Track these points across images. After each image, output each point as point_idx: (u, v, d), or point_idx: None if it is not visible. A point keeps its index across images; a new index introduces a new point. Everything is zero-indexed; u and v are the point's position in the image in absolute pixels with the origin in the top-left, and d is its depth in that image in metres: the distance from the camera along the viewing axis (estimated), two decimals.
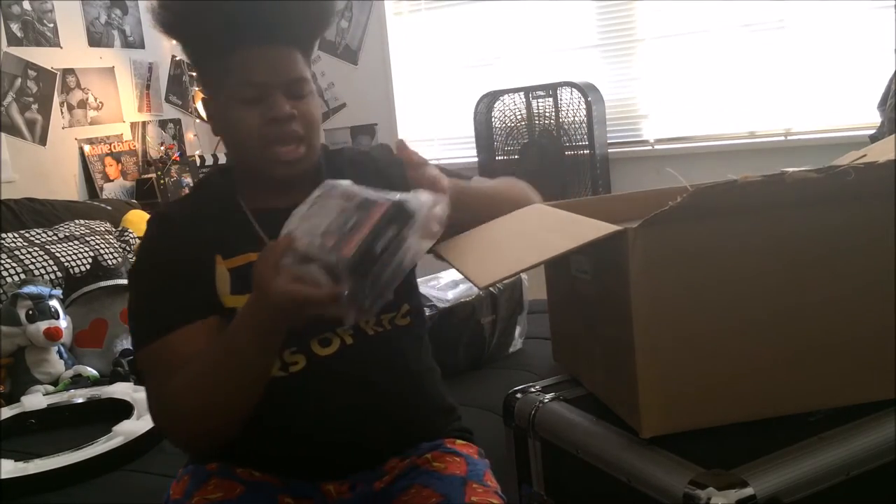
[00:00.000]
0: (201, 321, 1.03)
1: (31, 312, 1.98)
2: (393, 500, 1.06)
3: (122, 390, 1.78)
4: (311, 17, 1.10)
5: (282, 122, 1.04)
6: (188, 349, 1.01)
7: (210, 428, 1.01)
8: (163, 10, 1.06)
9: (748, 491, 0.88)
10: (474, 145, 3.47)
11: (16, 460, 1.46)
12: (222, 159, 3.68)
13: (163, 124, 3.72)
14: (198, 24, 1.06)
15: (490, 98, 3.37)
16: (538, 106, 3.24)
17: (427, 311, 1.58)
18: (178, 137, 3.80)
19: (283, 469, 1.07)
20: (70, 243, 2.42)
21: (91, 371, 2.00)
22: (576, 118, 3.16)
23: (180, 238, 1.09)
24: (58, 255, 2.33)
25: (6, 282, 2.14)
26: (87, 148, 3.30)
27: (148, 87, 3.64)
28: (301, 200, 1.07)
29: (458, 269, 1.11)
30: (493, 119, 3.37)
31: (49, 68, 3.16)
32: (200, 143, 3.89)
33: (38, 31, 3.13)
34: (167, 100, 3.75)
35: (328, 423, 1.04)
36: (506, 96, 3.32)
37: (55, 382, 1.96)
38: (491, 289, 1.82)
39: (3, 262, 2.19)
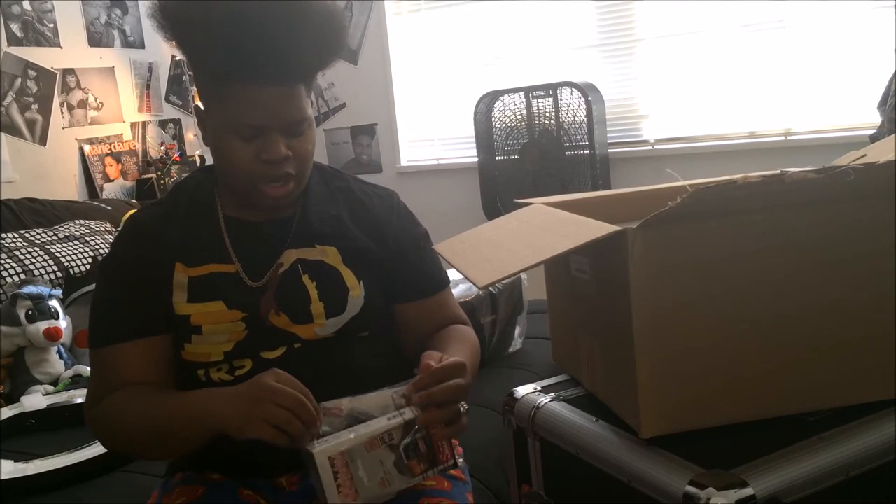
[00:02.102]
0: (141, 340, 1.07)
1: (30, 312, 1.98)
2: None
3: None
4: (318, 55, 1.05)
5: (275, 164, 1.04)
6: (122, 367, 1.06)
7: (130, 455, 1.14)
8: (163, 18, 1.02)
9: (748, 491, 0.88)
10: (474, 145, 3.47)
11: (16, 461, 1.46)
12: None
13: (163, 124, 3.72)
14: (197, 45, 1.02)
15: (490, 98, 3.37)
16: (538, 106, 3.24)
17: None
18: (179, 137, 3.80)
19: (239, 468, 1.11)
20: (70, 243, 2.42)
21: None
22: (576, 118, 3.16)
23: (146, 244, 1.10)
24: (58, 255, 2.33)
25: (6, 282, 2.14)
26: (87, 148, 3.30)
27: (148, 87, 3.64)
28: (276, 217, 1.13)
29: (457, 269, 1.11)
30: (493, 119, 3.37)
31: (49, 68, 3.16)
32: (200, 143, 3.88)
33: (38, 31, 3.13)
34: (167, 100, 3.75)
35: None
36: (506, 96, 3.32)
37: (55, 382, 1.96)
38: (490, 289, 1.82)
39: (3, 262, 2.19)
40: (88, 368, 2.00)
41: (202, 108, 1.09)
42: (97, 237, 2.52)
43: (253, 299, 1.08)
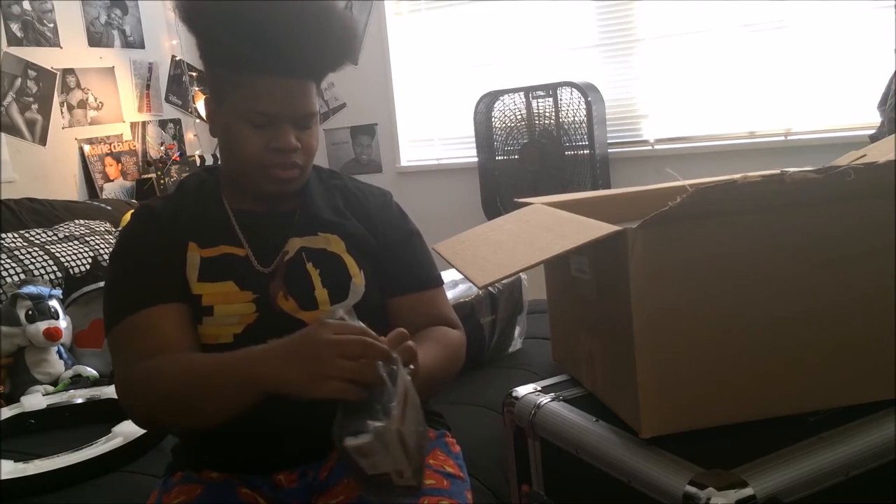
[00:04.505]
0: (167, 304, 1.06)
1: (30, 312, 1.98)
2: (330, 488, 1.09)
3: None
4: (335, 55, 1.10)
5: (284, 153, 1.07)
6: (153, 330, 1.04)
7: (165, 424, 1.07)
8: (190, 8, 1.06)
9: (748, 491, 0.88)
10: (474, 145, 3.47)
11: (16, 461, 1.46)
12: None
13: (163, 124, 3.72)
14: (222, 34, 1.05)
15: (490, 98, 3.37)
16: (538, 106, 3.24)
17: None
18: (178, 137, 3.80)
19: (239, 463, 1.11)
20: (70, 243, 2.42)
21: (91, 371, 2.00)
22: (576, 118, 3.16)
23: (158, 226, 1.12)
24: (58, 255, 2.33)
25: (6, 282, 2.13)
26: (87, 148, 3.30)
27: (148, 87, 3.64)
28: (279, 209, 1.15)
29: (457, 269, 1.11)
30: (493, 119, 3.37)
31: (49, 68, 3.16)
32: (200, 143, 3.89)
33: (38, 31, 3.13)
34: (167, 100, 3.75)
35: (279, 414, 1.02)
36: (506, 96, 3.32)
37: (55, 383, 1.96)
38: (490, 289, 1.82)
39: (3, 262, 2.19)
40: (88, 368, 2.01)
41: (213, 99, 1.12)
42: (97, 237, 2.52)
43: (263, 282, 1.10)
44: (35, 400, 1.78)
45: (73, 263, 2.33)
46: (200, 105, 3.75)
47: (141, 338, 1.05)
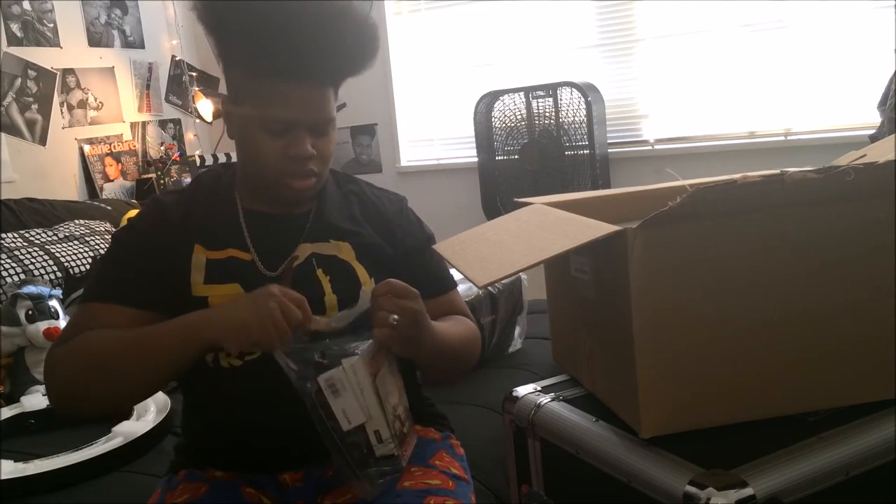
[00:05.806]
0: (139, 311, 1.06)
1: (30, 312, 1.98)
2: (335, 487, 1.09)
3: None
4: (353, 60, 1.09)
5: (301, 160, 1.07)
6: (112, 325, 1.04)
7: (88, 397, 1.03)
8: (208, 10, 1.05)
9: (748, 491, 0.88)
10: (474, 145, 3.47)
11: (15, 461, 1.46)
12: (222, 159, 3.68)
13: (163, 124, 3.72)
14: (238, 39, 1.04)
15: (490, 98, 3.37)
16: (538, 106, 3.24)
17: None
18: (178, 137, 3.80)
19: (243, 463, 1.11)
20: (70, 243, 2.42)
21: None
22: (576, 118, 3.16)
23: (164, 228, 1.11)
24: (58, 255, 2.33)
25: (6, 282, 2.13)
26: (86, 148, 3.29)
27: (148, 87, 3.64)
28: (292, 211, 1.16)
29: (457, 269, 1.11)
30: (493, 119, 3.37)
31: (49, 68, 3.16)
32: (200, 143, 3.89)
33: (38, 31, 3.12)
34: (167, 100, 3.75)
35: (283, 411, 1.03)
36: (506, 96, 3.32)
37: None
38: (490, 289, 1.82)
39: (3, 262, 2.19)
40: None
41: (230, 100, 1.11)
42: (97, 237, 2.52)
43: None
44: (35, 400, 1.79)
45: (73, 263, 2.33)
46: (200, 105, 3.74)
47: (93, 324, 1.05)
